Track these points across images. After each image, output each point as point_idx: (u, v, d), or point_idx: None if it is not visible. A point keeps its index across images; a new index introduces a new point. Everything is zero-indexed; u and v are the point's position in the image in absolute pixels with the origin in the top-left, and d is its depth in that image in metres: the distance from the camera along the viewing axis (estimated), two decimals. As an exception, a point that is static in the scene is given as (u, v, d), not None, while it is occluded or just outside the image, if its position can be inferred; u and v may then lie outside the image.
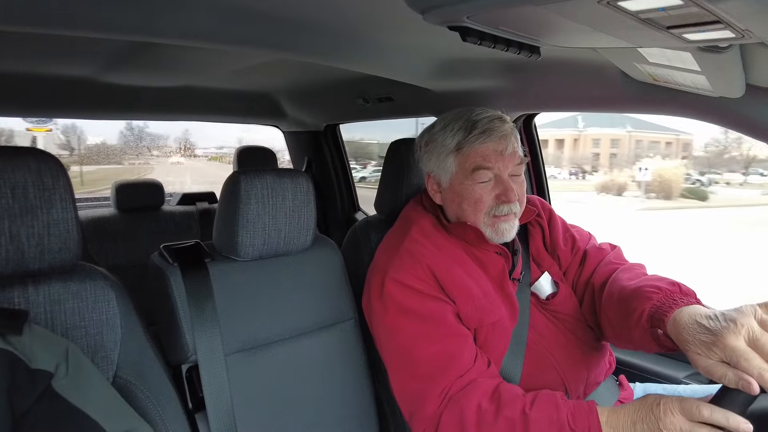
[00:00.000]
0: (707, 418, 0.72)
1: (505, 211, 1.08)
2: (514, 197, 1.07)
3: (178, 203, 2.46)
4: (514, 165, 1.09)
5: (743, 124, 1.12)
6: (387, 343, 1.05)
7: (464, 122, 1.09)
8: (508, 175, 1.08)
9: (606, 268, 1.16)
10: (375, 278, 1.09)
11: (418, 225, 1.13)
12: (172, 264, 1.02)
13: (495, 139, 1.06)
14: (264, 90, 2.33)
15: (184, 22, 1.05)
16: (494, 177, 1.07)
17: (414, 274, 1.04)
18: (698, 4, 0.52)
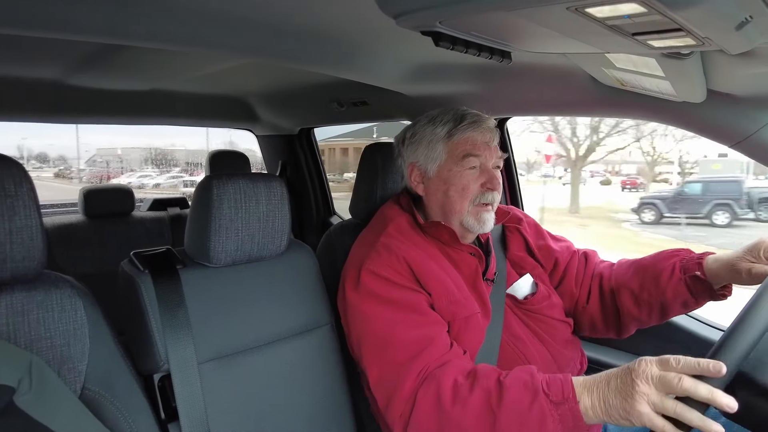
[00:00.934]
0: (687, 389, 0.71)
1: (489, 199, 1.13)
2: (499, 186, 1.14)
3: (149, 209, 2.41)
4: (496, 158, 1.15)
5: (705, 128, 1.16)
6: (364, 332, 1.03)
7: (453, 115, 1.16)
8: (491, 166, 1.14)
9: (604, 263, 1.31)
10: (350, 271, 1.09)
11: (395, 223, 1.15)
12: (142, 271, 0.99)
13: (483, 130, 1.14)
14: (237, 93, 2.30)
15: (153, 25, 1.03)
16: (480, 166, 1.12)
17: (390, 265, 1.05)
18: (661, 12, 0.54)
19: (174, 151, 11.66)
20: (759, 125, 1.06)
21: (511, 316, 1.14)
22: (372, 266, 1.05)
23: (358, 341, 1.05)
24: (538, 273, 1.25)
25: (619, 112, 1.34)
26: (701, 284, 1.07)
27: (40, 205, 0.80)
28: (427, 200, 1.19)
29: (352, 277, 1.08)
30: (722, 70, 0.92)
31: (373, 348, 1.01)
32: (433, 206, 1.17)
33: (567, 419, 0.81)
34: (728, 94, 1.05)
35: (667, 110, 1.18)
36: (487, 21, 0.71)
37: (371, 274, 1.05)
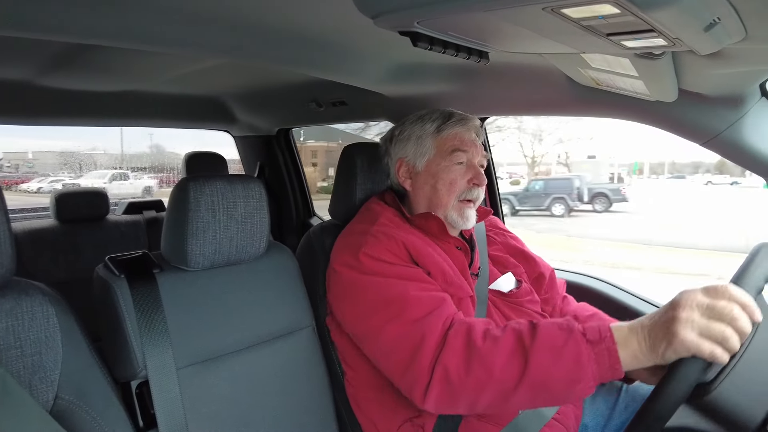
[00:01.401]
0: (737, 317, 0.74)
1: (474, 196, 1.18)
2: (484, 182, 1.19)
3: (124, 212, 2.35)
4: (481, 156, 1.20)
5: (677, 126, 1.19)
6: (375, 301, 1.02)
7: (440, 113, 1.22)
8: (477, 163, 1.20)
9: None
10: (344, 257, 1.09)
11: (385, 215, 1.17)
12: (118, 276, 0.97)
13: (469, 127, 1.20)
14: (213, 94, 2.27)
15: (125, 25, 1.01)
16: (467, 162, 1.17)
17: (389, 249, 1.06)
18: (633, 14, 0.55)
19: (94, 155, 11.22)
20: (727, 124, 1.09)
21: (494, 311, 1.17)
22: (370, 251, 1.06)
23: (364, 314, 1.03)
24: (520, 273, 1.28)
25: (594, 111, 1.36)
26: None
27: (8, 210, 0.78)
28: (413, 195, 1.22)
29: (347, 261, 1.08)
30: (693, 70, 0.95)
31: (388, 311, 0.99)
32: (420, 200, 1.20)
33: (603, 359, 0.81)
34: (698, 93, 1.08)
35: (640, 109, 1.21)
36: (465, 21, 0.72)
37: (370, 258, 1.05)
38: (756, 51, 0.78)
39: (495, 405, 0.89)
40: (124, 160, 11.62)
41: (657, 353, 0.79)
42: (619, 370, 0.81)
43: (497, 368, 0.86)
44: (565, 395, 0.86)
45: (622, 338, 0.82)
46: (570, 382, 0.83)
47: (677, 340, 0.76)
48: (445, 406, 0.92)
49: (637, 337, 0.81)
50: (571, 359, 0.82)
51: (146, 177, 11.23)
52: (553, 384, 0.84)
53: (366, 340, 1.04)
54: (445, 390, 0.90)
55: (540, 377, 0.84)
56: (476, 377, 0.88)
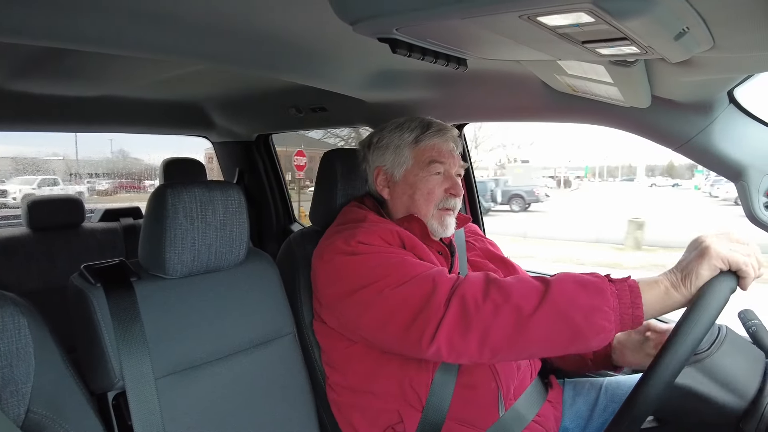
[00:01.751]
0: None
1: (451, 205, 1.18)
2: (461, 192, 1.20)
3: (100, 220, 2.30)
4: (459, 166, 1.20)
5: (650, 132, 1.22)
6: (375, 266, 1.00)
7: (419, 122, 1.22)
8: (454, 173, 1.20)
9: None
10: (336, 244, 1.08)
11: (371, 215, 1.17)
12: (94, 285, 0.95)
13: (447, 138, 1.21)
14: (191, 100, 2.24)
15: (102, 29, 0.99)
16: (444, 172, 1.18)
17: (382, 236, 1.07)
18: (607, 22, 0.56)
19: (54, 161, 10.91)
20: (698, 130, 1.12)
21: None
22: (364, 238, 1.06)
23: (361, 285, 1.00)
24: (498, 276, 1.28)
25: (571, 117, 1.38)
26: (605, 347, 1.14)
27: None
28: (392, 203, 1.22)
29: (340, 248, 1.06)
30: (664, 77, 0.97)
31: (391, 272, 0.98)
32: (398, 208, 1.20)
33: (625, 294, 0.84)
34: (670, 100, 1.11)
35: (615, 115, 1.23)
36: (443, 28, 0.72)
37: (364, 244, 1.05)
38: (723, 60, 0.80)
39: (508, 338, 0.86)
40: (79, 166, 11.29)
41: (689, 281, 0.83)
42: (640, 308, 0.83)
43: (515, 293, 0.87)
44: (585, 327, 0.83)
45: (645, 283, 0.86)
46: (590, 310, 0.83)
47: (712, 254, 0.82)
48: (456, 341, 0.88)
49: (667, 277, 0.86)
50: (594, 288, 0.85)
51: (105, 183, 11.15)
52: (573, 311, 0.83)
53: (365, 311, 0.99)
54: (459, 320, 0.88)
55: (560, 301, 0.84)
56: (493, 300, 0.87)
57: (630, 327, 0.85)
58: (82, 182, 10.93)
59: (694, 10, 0.57)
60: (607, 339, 0.84)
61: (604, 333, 0.83)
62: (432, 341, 0.89)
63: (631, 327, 0.85)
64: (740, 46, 0.71)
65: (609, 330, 0.83)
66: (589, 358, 1.19)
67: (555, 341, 0.85)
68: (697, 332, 0.80)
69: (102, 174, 11.36)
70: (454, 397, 1.05)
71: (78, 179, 11.02)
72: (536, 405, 1.13)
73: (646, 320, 0.86)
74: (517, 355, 0.90)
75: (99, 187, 10.93)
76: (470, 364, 0.93)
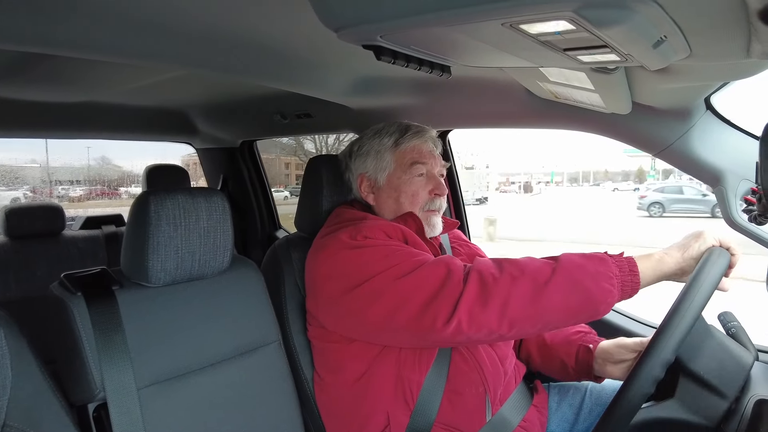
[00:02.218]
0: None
1: (437, 205, 1.20)
2: (445, 191, 1.21)
3: (81, 227, 2.26)
4: (440, 166, 1.22)
5: (631, 138, 1.24)
6: (385, 256, 1.01)
7: (397, 126, 1.23)
8: (437, 173, 1.22)
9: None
10: (341, 237, 1.07)
11: (370, 215, 1.18)
12: (74, 294, 0.93)
13: (426, 139, 1.22)
14: (175, 106, 2.22)
15: (83, 34, 0.98)
16: (427, 173, 1.19)
17: (386, 232, 1.08)
18: (588, 30, 0.57)
19: (32, 168, 10.87)
20: (677, 135, 1.14)
21: None
22: (369, 233, 1.06)
23: (371, 273, 1.00)
24: None
25: (553, 124, 1.40)
26: (587, 356, 1.19)
27: None
28: (378, 209, 1.22)
29: (345, 242, 1.05)
30: (644, 84, 0.99)
31: (403, 260, 0.99)
32: (385, 213, 1.21)
33: (623, 264, 0.92)
34: (650, 106, 1.13)
35: (597, 121, 1.25)
36: (427, 36, 0.73)
37: (369, 238, 1.05)
38: (700, 68, 0.82)
39: (526, 308, 0.89)
40: (57, 173, 11.28)
41: (681, 251, 0.95)
42: (637, 275, 0.92)
43: (529, 265, 0.93)
44: (595, 291, 0.89)
45: (640, 256, 0.95)
46: (597, 275, 0.90)
47: (706, 233, 0.95)
48: (476, 313, 0.90)
49: (662, 250, 0.96)
50: (597, 259, 0.93)
51: (79, 190, 11.15)
52: (583, 276, 0.90)
53: (375, 301, 0.98)
54: (479, 293, 0.90)
55: (571, 268, 0.91)
56: (509, 273, 0.92)
57: (630, 294, 0.92)
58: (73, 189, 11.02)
59: (671, 19, 0.58)
60: (611, 304, 0.91)
61: (611, 297, 0.90)
62: (450, 318, 0.90)
63: (631, 294, 0.92)
64: (715, 55, 0.73)
65: (614, 295, 0.90)
66: (571, 365, 1.20)
67: (569, 308, 0.90)
68: (699, 299, 0.86)
69: (79, 181, 11.36)
70: (442, 401, 1.05)
71: (73, 186, 11.10)
72: (522, 410, 1.14)
73: (642, 287, 0.93)
74: (533, 324, 0.92)
75: (72, 194, 10.96)
76: (487, 339, 0.94)
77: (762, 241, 1.08)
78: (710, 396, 0.95)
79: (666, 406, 0.97)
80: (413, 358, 1.05)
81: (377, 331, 1.02)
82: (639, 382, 0.85)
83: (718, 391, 0.94)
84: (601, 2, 0.53)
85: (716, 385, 0.94)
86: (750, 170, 1.07)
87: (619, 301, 0.92)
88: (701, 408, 0.95)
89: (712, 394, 0.94)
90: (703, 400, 0.95)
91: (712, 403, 0.94)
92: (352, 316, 1.03)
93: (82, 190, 11.06)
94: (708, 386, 0.95)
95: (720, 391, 0.94)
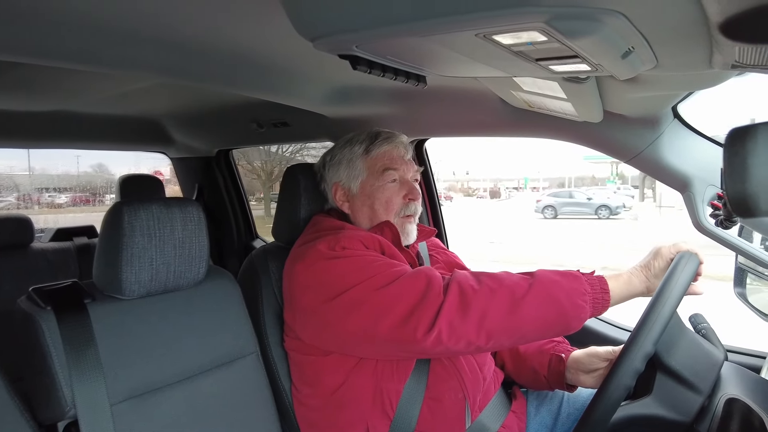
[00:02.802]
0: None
1: (411, 210, 1.20)
2: (419, 196, 1.22)
3: (52, 239, 2.19)
4: (413, 171, 1.22)
5: (603, 145, 1.27)
6: (365, 266, 1.01)
7: (367, 134, 1.24)
8: (410, 179, 1.22)
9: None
10: (319, 247, 1.07)
11: (348, 225, 1.18)
12: (43, 308, 0.90)
13: (397, 144, 1.22)
14: (148, 115, 2.18)
15: (54, 42, 0.96)
16: (400, 179, 1.19)
17: (364, 242, 1.08)
18: (559, 41, 0.59)
19: (14, 176, 10.80)
20: (647, 143, 1.17)
21: None
22: (347, 243, 1.06)
23: (351, 283, 0.99)
24: None
25: (528, 132, 1.43)
26: (559, 365, 1.20)
27: None
28: (354, 217, 1.22)
29: (323, 253, 1.05)
30: (614, 93, 1.02)
31: (382, 270, 1.00)
32: (361, 221, 1.21)
33: (594, 281, 0.96)
34: (621, 115, 1.16)
35: (570, 129, 1.28)
36: (402, 46, 0.74)
37: (348, 249, 1.05)
38: (666, 77, 0.85)
39: (504, 320, 0.91)
40: (42, 180, 11.21)
41: (645, 271, 1.00)
42: (607, 293, 0.96)
43: (506, 279, 0.96)
44: (568, 307, 0.92)
45: (610, 275, 0.99)
46: (571, 291, 0.93)
47: (662, 249, 1.00)
48: (456, 324, 0.91)
49: (629, 271, 1.01)
50: (570, 276, 0.96)
51: (63, 197, 11.45)
52: (558, 292, 0.93)
53: (353, 311, 0.98)
54: (458, 304, 0.92)
55: (546, 283, 0.94)
56: (488, 285, 0.94)
57: (600, 311, 0.96)
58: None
59: (638, 31, 0.60)
60: (583, 320, 0.94)
61: (583, 313, 0.93)
62: (431, 329, 0.91)
63: (601, 311, 0.96)
64: (680, 65, 0.76)
65: (586, 311, 0.93)
66: (544, 374, 1.21)
67: (544, 321, 0.93)
68: (675, 294, 0.90)
69: (68, 188, 11.52)
70: (422, 409, 1.05)
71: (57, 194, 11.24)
72: (501, 416, 1.15)
73: (612, 305, 0.97)
74: (509, 336, 0.94)
75: (58, 201, 11.11)
76: (466, 351, 0.95)
77: (728, 245, 1.11)
78: (685, 391, 0.97)
79: (644, 403, 0.99)
80: (391, 368, 1.05)
81: (355, 343, 1.01)
82: (620, 375, 0.87)
83: (693, 386, 0.97)
84: (571, 14, 0.54)
85: (691, 380, 0.97)
86: (716, 176, 1.11)
87: (590, 317, 0.95)
88: (677, 404, 0.97)
89: (687, 390, 0.97)
90: (679, 395, 0.97)
91: (687, 399, 0.97)
92: (330, 328, 1.02)
93: (66, 197, 11.13)
94: (683, 381, 0.97)
95: (695, 386, 0.97)
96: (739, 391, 0.96)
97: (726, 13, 0.52)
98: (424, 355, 1.01)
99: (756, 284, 1.20)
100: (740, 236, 1.13)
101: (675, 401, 0.97)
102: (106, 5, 0.85)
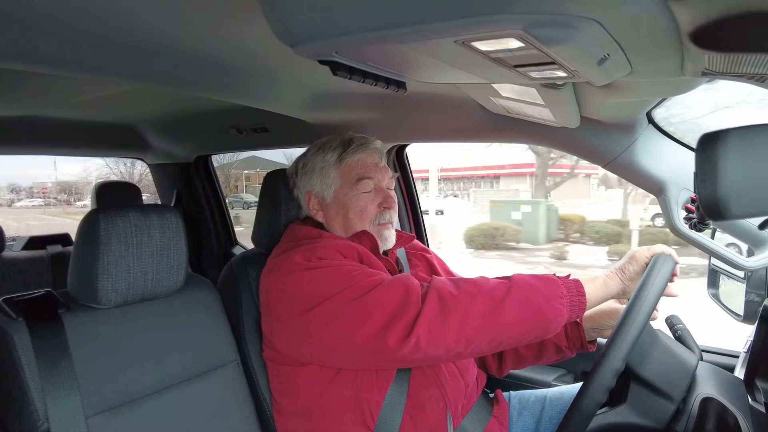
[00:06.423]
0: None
1: (387, 218, 1.17)
2: (394, 204, 1.19)
3: (24, 248, 2.13)
4: (389, 178, 1.20)
5: (581, 150, 1.30)
6: (342, 277, 0.99)
7: (340, 141, 1.20)
8: (385, 186, 1.19)
9: None
10: (294, 258, 1.05)
11: (325, 233, 1.16)
12: (15, 319, 0.88)
13: (370, 151, 1.19)
14: (125, 120, 2.14)
15: (23, 44, 0.93)
16: (375, 187, 1.17)
17: (341, 252, 1.06)
18: (536, 48, 0.60)
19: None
20: (623, 148, 1.20)
21: None
22: (323, 254, 1.04)
23: (326, 295, 0.98)
24: None
25: (506, 137, 1.45)
26: (577, 331, 1.20)
27: None
28: (329, 225, 1.20)
29: (298, 263, 1.03)
30: (591, 99, 1.04)
31: (358, 280, 0.98)
32: (336, 230, 1.18)
33: (571, 285, 0.97)
34: (598, 120, 1.18)
35: (548, 134, 1.30)
36: (382, 52, 0.74)
37: (324, 259, 1.03)
38: (641, 84, 0.87)
39: (483, 325, 0.91)
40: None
41: (620, 273, 1.02)
42: (584, 295, 0.97)
43: (484, 284, 0.95)
44: (547, 310, 0.93)
45: (586, 279, 1.00)
46: (549, 295, 0.94)
47: (636, 252, 1.03)
48: (435, 330, 0.90)
49: (605, 274, 1.03)
50: (547, 280, 0.97)
51: (39, 200, 11.74)
52: (536, 295, 0.93)
53: (329, 323, 0.97)
54: (437, 311, 0.91)
55: (524, 288, 0.94)
56: (466, 291, 0.94)
57: (577, 314, 0.97)
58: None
59: (613, 38, 0.61)
60: (561, 323, 0.94)
61: (560, 316, 0.94)
62: (409, 336, 0.90)
63: (578, 314, 0.97)
64: (654, 72, 0.78)
65: (564, 314, 0.94)
66: (564, 345, 1.21)
67: (523, 326, 0.93)
68: (646, 309, 0.90)
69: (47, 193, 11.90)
70: (403, 418, 1.04)
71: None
72: (483, 421, 1.15)
73: (588, 308, 0.99)
74: (489, 342, 0.93)
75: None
76: (445, 357, 0.94)
77: (702, 247, 1.14)
78: (659, 399, 1.00)
79: (619, 411, 1.02)
80: (371, 378, 1.03)
81: (333, 354, 1.00)
82: (591, 393, 0.88)
83: (665, 395, 0.99)
84: (548, 21, 0.55)
85: (664, 389, 0.99)
86: (689, 180, 1.13)
87: (567, 320, 0.96)
88: (651, 411, 0.99)
89: (660, 398, 1.00)
90: (653, 403, 1.00)
91: (660, 406, 0.99)
92: (307, 339, 1.01)
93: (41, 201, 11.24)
94: (656, 390, 0.99)
95: (667, 394, 0.99)
96: (714, 390, 0.99)
97: (696, 23, 0.54)
98: (404, 363, 1.00)
99: (728, 285, 1.23)
100: (713, 239, 1.16)
101: (649, 409, 1.00)
102: (80, 8, 0.83)
